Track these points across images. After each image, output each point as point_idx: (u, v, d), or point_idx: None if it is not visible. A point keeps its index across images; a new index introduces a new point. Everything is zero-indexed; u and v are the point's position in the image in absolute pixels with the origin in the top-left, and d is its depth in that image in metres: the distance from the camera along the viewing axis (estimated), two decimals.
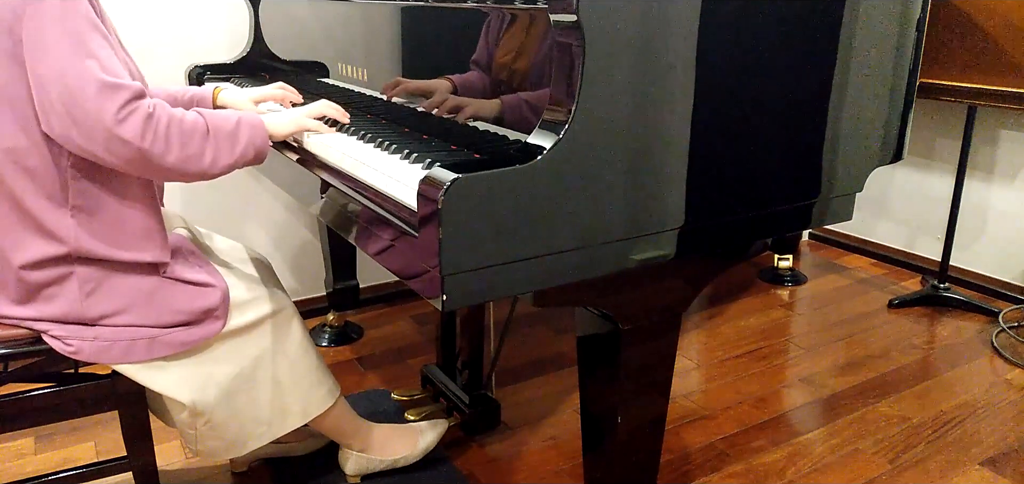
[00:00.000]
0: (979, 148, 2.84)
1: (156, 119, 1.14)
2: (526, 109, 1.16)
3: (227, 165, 1.25)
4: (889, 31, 1.33)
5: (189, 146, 1.19)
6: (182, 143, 1.18)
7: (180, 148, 1.18)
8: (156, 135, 1.14)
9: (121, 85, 1.11)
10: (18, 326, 1.26)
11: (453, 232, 0.93)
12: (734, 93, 1.17)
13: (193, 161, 1.20)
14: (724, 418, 2.03)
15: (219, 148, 1.23)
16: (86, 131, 1.11)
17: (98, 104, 1.09)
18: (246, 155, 1.28)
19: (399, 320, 2.64)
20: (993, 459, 1.86)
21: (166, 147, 1.16)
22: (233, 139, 1.25)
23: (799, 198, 1.33)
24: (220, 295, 1.33)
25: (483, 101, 1.26)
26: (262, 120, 1.32)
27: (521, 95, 1.17)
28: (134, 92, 1.13)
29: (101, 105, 1.09)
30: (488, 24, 1.23)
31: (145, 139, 1.13)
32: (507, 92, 1.20)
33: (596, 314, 1.25)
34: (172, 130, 1.16)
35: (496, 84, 1.23)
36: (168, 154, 1.16)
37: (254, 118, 1.30)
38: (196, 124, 1.20)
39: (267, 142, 1.32)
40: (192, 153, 1.19)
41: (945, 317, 2.68)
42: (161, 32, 2.22)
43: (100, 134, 1.11)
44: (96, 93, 1.09)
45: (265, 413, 1.44)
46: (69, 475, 1.38)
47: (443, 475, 1.75)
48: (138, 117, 1.12)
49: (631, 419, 1.32)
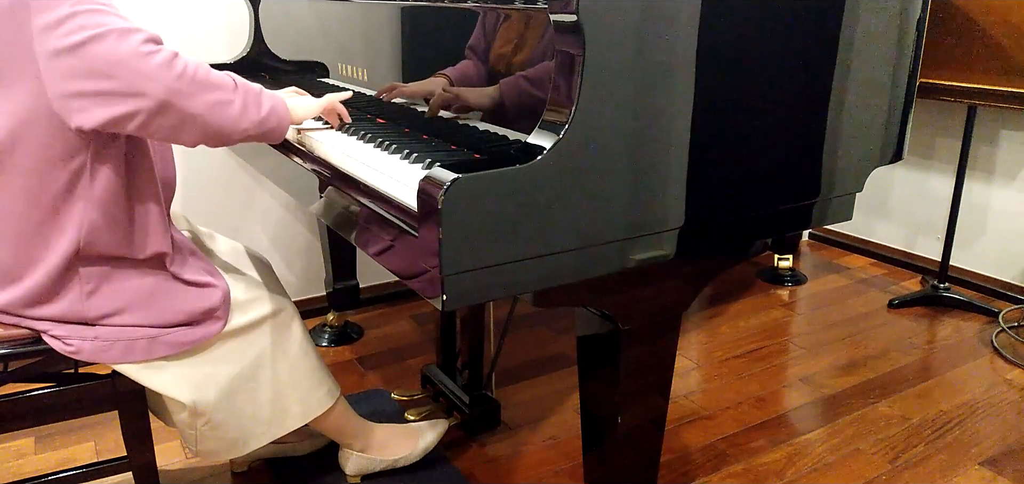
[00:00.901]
0: (979, 148, 2.84)
1: (181, 59, 1.11)
2: (523, 97, 1.16)
3: (255, 121, 1.21)
4: (889, 31, 1.33)
5: (218, 92, 1.15)
6: (210, 87, 1.14)
7: (208, 92, 1.13)
8: (183, 73, 1.10)
9: (138, 28, 1.09)
10: (18, 326, 1.26)
11: (453, 232, 0.93)
12: (734, 93, 1.17)
13: (222, 108, 1.15)
14: (724, 418, 2.03)
15: (247, 102, 1.20)
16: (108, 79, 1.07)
17: (116, 47, 1.06)
18: (269, 121, 1.24)
19: (399, 320, 2.64)
20: (993, 459, 1.86)
21: (194, 87, 1.11)
22: (259, 100, 1.23)
23: (799, 198, 1.33)
24: (221, 295, 1.33)
25: (479, 91, 1.26)
26: (283, 99, 1.31)
27: (520, 83, 1.18)
28: (153, 35, 1.10)
29: (120, 46, 1.06)
30: (484, 18, 1.23)
31: (173, 70, 1.09)
32: (504, 84, 1.20)
33: (596, 314, 1.25)
34: (199, 72, 1.13)
35: (492, 75, 1.23)
36: (197, 95, 1.12)
37: (276, 94, 1.29)
38: (223, 76, 1.18)
39: (288, 117, 1.30)
40: (221, 99, 1.15)
41: (945, 317, 2.69)
42: (161, 32, 2.22)
43: (124, 75, 1.07)
44: (114, 40, 1.06)
45: (265, 413, 1.44)
46: (69, 475, 1.38)
47: (443, 475, 1.75)
48: (164, 53, 1.09)
49: (631, 419, 1.32)
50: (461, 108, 1.33)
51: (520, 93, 1.18)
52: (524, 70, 1.16)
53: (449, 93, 1.35)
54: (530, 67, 1.15)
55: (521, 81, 1.17)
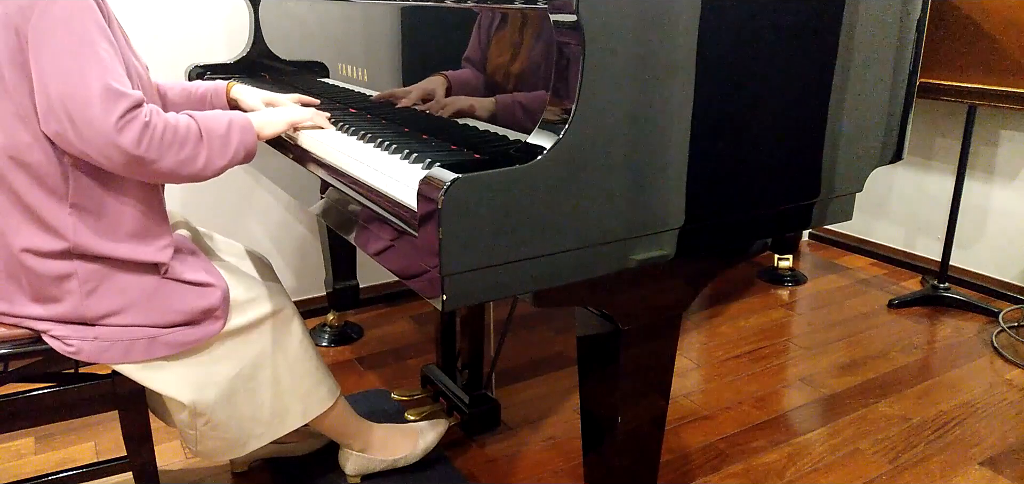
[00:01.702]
0: (979, 148, 2.84)
1: (152, 127, 1.16)
2: (520, 107, 1.16)
3: (219, 167, 1.28)
4: (889, 31, 1.33)
5: (183, 151, 1.21)
6: (177, 149, 1.20)
7: (174, 154, 1.20)
8: (151, 142, 1.16)
9: (123, 93, 1.13)
10: (18, 326, 1.26)
11: (453, 232, 0.93)
12: (734, 93, 1.17)
13: (186, 165, 1.22)
14: (724, 418, 2.03)
15: (212, 152, 1.26)
16: (84, 135, 1.12)
17: (99, 111, 1.11)
18: (237, 156, 1.30)
19: (399, 320, 2.64)
20: (993, 459, 1.86)
21: (161, 154, 1.18)
22: (225, 142, 1.27)
23: (799, 198, 1.33)
24: (220, 295, 1.33)
25: (477, 98, 1.26)
26: (250, 121, 1.34)
27: (516, 95, 1.17)
28: (134, 101, 1.15)
29: (102, 112, 1.11)
30: (480, 21, 1.23)
31: (141, 147, 1.15)
32: (502, 87, 1.20)
33: (596, 314, 1.25)
34: (167, 137, 1.19)
35: (491, 80, 1.23)
36: (163, 160, 1.19)
37: (243, 120, 1.32)
38: (189, 129, 1.23)
39: (255, 142, 1.34)
40: (185, 157, 1.22)
41: (945, 317, 2.69)
42: (161, 32, 2.23)
43: (98, 140, 1.12)
44: (99, 99, 1.11)
45: (265, 413, 1.44)
46: (69, 475, 1.38)
47: (443, 475, 1.75)
48: (136, 126, 1.14)
49: (631, 419, 1.32)
50: (456, 113, 1.33)
51: (513, 110, 1.18)
52: (520, 83, 1.16)
53: (446, 99, 1.35)
54: (526, 77, 1.15)
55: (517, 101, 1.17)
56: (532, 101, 1.15)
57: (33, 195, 1.19)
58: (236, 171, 2.40)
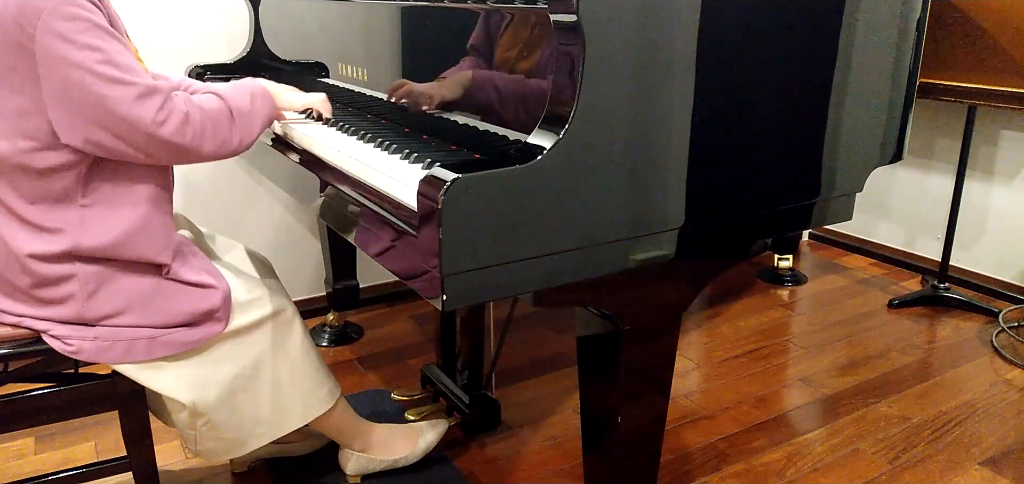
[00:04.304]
0: (979, 148, 2.84)
1: (190, 116, 1.20)
2: (520, 107, 1.16)
3: (250, 142, 1.33)
4: (889, 31, 1.33)
5: (220, 133, 1.26)
6: (214, 132, 1.25)
7: (213, 137, 1.24)
8: (194, 131, 1.20)
9: (154, 88, 1.16)
10: (18, 326, 1.26)
11: (453, 232, 0.93)
12: (734, 93, 1.17)
13: (224, 146, 1.27)
14: (724, 418, 2.03)
15: (243, 129, 1.31)
16: (125, 137, 1.15)
17: (136, 113, 1.14)
18: (263, 125, 1.38)
19: (399, 320, 2.64)
20: (993, 459, 1.86)
21: (201, 140, 1.22)
22: (251, 116, 1.34)
23: (799, 198, 1.33)
24: (221, 296, 1.33)
25: (478, 97, 1.26)
26: (267, 88, 1.41)
27: (516, 95, 1.17)
28: (165, 93, 1.17)
29: (139, 114, 1.14)
30: (480, 21, 1.23)
31: (185, 136, 1.19)
32: (502, 87, 1.20)
33: (596, 314, 1.25)
34: (206, 124, 1.23)
35: (491, 80, 1.23)
36: (204, 146, 1.23)
37: (261, 89, 1.39)
38: (221, 111, 1.27)
39: (275, 107, 1.43)
40: (223, 139, 1.27)
41: (945, 317, 2.68)
42: (161, 32, 2.22)
43: (140, 139, 1.16)
44: (133, 102, 1.13)
45: (265, 413, 1.44)
46: (69, 475, 1.38)
47: (443, 475, 1.75)
48: (176, 118, 1.18)
49: (631, 419, 1.32)
50: (457, 112, 1.33)
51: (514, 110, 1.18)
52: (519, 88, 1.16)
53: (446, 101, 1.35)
54: (525, 86, 1.15)
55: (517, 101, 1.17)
56: (532, 101, 1.15)
57: (35, 198, 1.19)
58: (236, 170, 2.40)
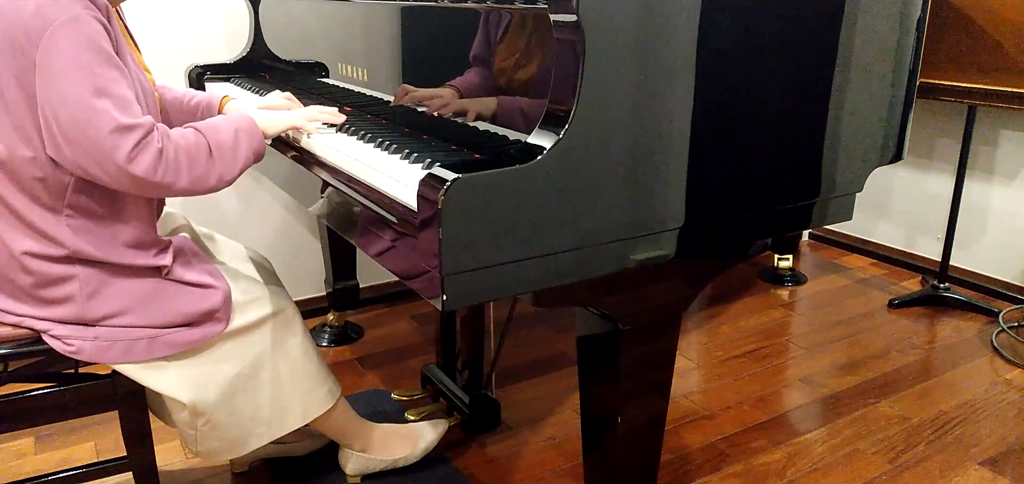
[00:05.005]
0: (979, 148, 2.84)
1: (164, 153, 1.18)
2: (520, 107, 1.16)
3: (231, 178, 1.29)
4: (889, 31, 1.33)
5: (195, 170, 1.23)
6: (190, 169, 1.22)
7: (188, 174, 1.21)
8: (166, 168, 1.18)
9: (133, 126, 1.14)
10: (19, 326, 1.26)
11: (453, 232, 0.93)
12: (734, 93, 1.17)
13: (200, 182, 1.24)
14: (724, 418, 2.03)
15: (223, 165, 1.27)
16: (98, 164, 1.14)
17: (111, 144, 1.12)
18: (247, 162, 1.31)
19: (399, 320, 2.64)
20: (993, 459, 1.86)
21: (175, 177, 1.20)
22: (234, 152, 1.28)
23: (799, 198, 1.33)
24: (222, 296, 1.33)
25: (486, 99, 1.26)
26: (254, 121, 1.34)
27: (517, 95, 1.17)
28: (144, 130, 1.15)
29: (114, 145, 1.12)
30: (481, 21, 1.23)
31: (156, 174, 1.17)
32: (502, 87, 1.20)
33: (596, 314, 1.25)
34: (180, 159, 1.20)
35: (491, 80, 1.23)
36: (178, 181, 1.20)
37: (249, 124, 1.32)
38: (199, 146, 1.23)
39: (264, 143, 1.35)
40: (199, 175, 1.23)
41: (945, 317, 2.68)
42: (161, 32, 2.22)
43: (112, 169, 1.14)
44: (110, 133, 1.12)
45: (265, 413, 1.44)
46: (69, 475, 1.38)
47: (443, 475, 1.75)
48: (149, 155, 1.16)
49: (631, 419, 1.32)
50: (457, 112, 1.33)
51: (514, 110, 1.18)
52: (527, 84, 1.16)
53: (457, 104, 1.34)
54: (525, 86, 1.15)
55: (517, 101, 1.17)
56: (532, 101, 1.15)
57: (30, 207, 1.20)
58: None
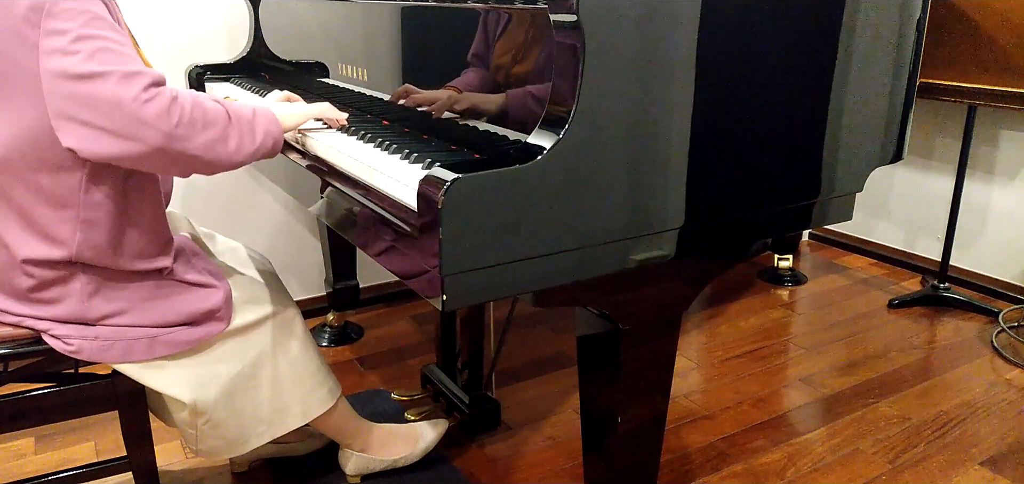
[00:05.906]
0: (979, 148, 2.84)
1: (180, 101, 1.11)
2: (531, 102, 1.16)
3: (249, 153, 1.23)
4: (889, 31, 1.33)
5: (212, 130, 1.15)
6: (206, 127, 1.14)
7: (204, 131, 1.14)
8: (181, 118, 1.10)
9: (141, 71, 1.09)
10: (19, 325, 1.26)
11: (453, 232, 0.93)
12: (734, 93, 1.17)
13: (217, 146, 1.17)
14: (724, 418, 2.03)
15: (242, 135, 1.21)
16: (107, 116, 1.07)
17: (118, 91, 1.06)
18: (264, 145, 1.26)
19: (399, 320, 2.64)
20: (993, 459, 1.86)
21: (191, 130, 1.12)
22: (252, 128, 1.23)
23: (799, 198, 1.33)
24: (222, 296, 1.33)
25: (486, 97, 1.26)
26: (272, 111, 1.31)
27: (527, 89, 1.17)
28: (155, 78, 1.10)
29: (121, 91, 1.06)
30: (481, 21, 1.23)
31: (171, 119, 1.09)
32: (503, 87, 1.20)
33: (596, 314, 1.25)
34: (196, 113, 1.13)
35: (492, 80, 1.23)
36: (193, 138, 1.13)
37: (265, 109, 1.29)
38: (217, 108, 1.18)
39: (282, 132, 1.31)
40: (216, 137, 1.16)
41: (945, 317, 2.68)
42: (161, 32, 2.22)
43: (121, 120, 1.07)
44: (116, 83, 1.06)
45: (266, 413, 1.44)
46: (69, 475, 1.38)
47: (443, 475, 1.75)
48: (162, 99, 1.09)
49: (631, 419, 1.32)
50: (457, 112, 1.33)
51: (525, 110, 1.18)
52: (526, 83, 1.16)
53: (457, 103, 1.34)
54: (525, 86, 1.15)
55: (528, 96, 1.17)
56: (533, 101, 1.15)
57: (37, 207, 1.18)
58: (236, 171, 2.40)
